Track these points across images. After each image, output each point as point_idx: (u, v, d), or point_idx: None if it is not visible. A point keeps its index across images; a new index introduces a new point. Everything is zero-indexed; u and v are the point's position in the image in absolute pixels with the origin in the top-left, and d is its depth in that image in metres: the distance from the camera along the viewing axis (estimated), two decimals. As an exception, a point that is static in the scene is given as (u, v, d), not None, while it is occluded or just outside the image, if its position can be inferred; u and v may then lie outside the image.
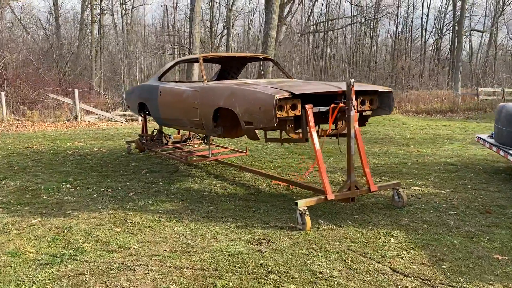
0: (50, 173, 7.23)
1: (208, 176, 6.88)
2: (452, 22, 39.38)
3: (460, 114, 20.99)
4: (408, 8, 40.96)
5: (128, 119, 17.66)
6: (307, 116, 4.65)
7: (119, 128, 14.52)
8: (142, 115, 8.07)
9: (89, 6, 33.44)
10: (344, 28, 40.43)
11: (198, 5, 23.83)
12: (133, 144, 9.10)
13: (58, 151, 9.51)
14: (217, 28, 42.15)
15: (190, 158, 7.33)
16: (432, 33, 41.57)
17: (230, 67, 7.87)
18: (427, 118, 18.61)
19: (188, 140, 8.96)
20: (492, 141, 6.92)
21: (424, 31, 41.26)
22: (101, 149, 9.68)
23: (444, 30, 40.78)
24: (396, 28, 39.96)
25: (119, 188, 6.23)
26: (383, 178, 6.65)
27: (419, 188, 5.98)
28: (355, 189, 4.82)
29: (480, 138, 7.33)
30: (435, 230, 4.36)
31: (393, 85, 30.92)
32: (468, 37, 35.94)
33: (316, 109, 4.79)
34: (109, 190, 6.15)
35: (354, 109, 4.66)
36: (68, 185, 6.42)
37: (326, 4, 39.94)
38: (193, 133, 9.23)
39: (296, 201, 4.44)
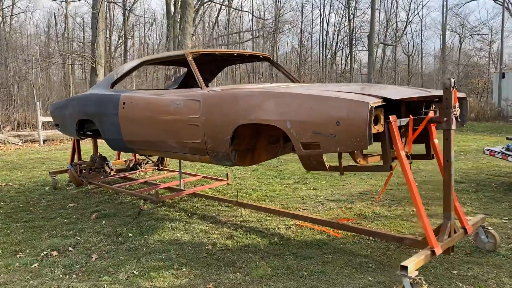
0: None
1: (191, 218, 5.01)
2: (348, 37, 41.10)
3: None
4: (312, 23, 41.58)
5: (26, 140, 14.57)
6: (393, 133, 3.16)
7: (20, 152, 11.62)
8: (82, 137, 5.88)
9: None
10: (244, 43, 39.91)
11: (102, 11, 21.18)
12: (59, 176, 6.81)
13: None
14: (111, 39, 38.89)
15: (160, 194, 5.36)
16: (330, 49, 42.85)
17: (200, 71, 6.05)
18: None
19: (139, 167, 6.92)
20: (514, 154, 6.06)
21: (323, 46, 42.45)
22: (11, 184, 7.14)
23: (339, 45, 42.33)
24: (301, 42, 40.51)
25: (70, 249, 4.12)
26: (410, 208, 5.37)
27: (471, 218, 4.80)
28: (454, 234, 3.43)
29: (494, 151, 6.47)
30: None
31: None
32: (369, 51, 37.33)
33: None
34: (55, 253, 4.02)
35: (458, 120, 3.29)
36: (-18, 249, 4.14)
37: (227, 18, 39.24)
38: (142, 158, 7.22)
39: (403, 264, 2.89)
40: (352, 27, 40.59)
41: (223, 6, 37.19)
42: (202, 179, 6.44)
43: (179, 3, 23.15)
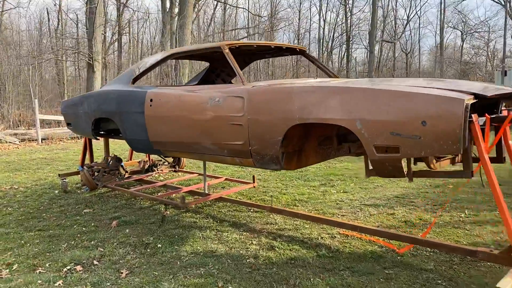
0: (-51, 239, 4.32)
1: (221, 225, 4.60)
2: (345, 35, 40.79)
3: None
4: (310, 20, 41.27)
5: (24, 139, 14.03)
6: (476, 134, 2.77)
7: (19, 152, 11.10)
8: (98, 138, 5.43)
9: None
10: (239, 39, 39.46)
11: (100, 4, 20.61)
12: (68, 178, 6.35)
13: None
14: (105, 35, 38.10)
15: (186, 199, 4.92)
16: (326, 46, 42.52)
17: (224, 66, 5.65)
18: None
19: (155, 168, 6.49)
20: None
21: (320, 43, 42.12)
22: (16, 187, 6.66)
23: (335, 43, 42.04)
24: (298, 40, 40.11)
25: (96, 262, 3.69)
26: (458, 214, 5.00)
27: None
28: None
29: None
30: None
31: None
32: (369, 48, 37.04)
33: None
34: (79, 267, 3.59)
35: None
36: (-6, 264, 3.69)
37: (223, 15, 38.71)
38: (158, 159, 6.79)
39: (499, 285, 2.51)
40: (349, 25, 40.30)
41: (218, 3, 36.64)
42: (225, 181, 6.03)
43: (178, -1, 22.63)
